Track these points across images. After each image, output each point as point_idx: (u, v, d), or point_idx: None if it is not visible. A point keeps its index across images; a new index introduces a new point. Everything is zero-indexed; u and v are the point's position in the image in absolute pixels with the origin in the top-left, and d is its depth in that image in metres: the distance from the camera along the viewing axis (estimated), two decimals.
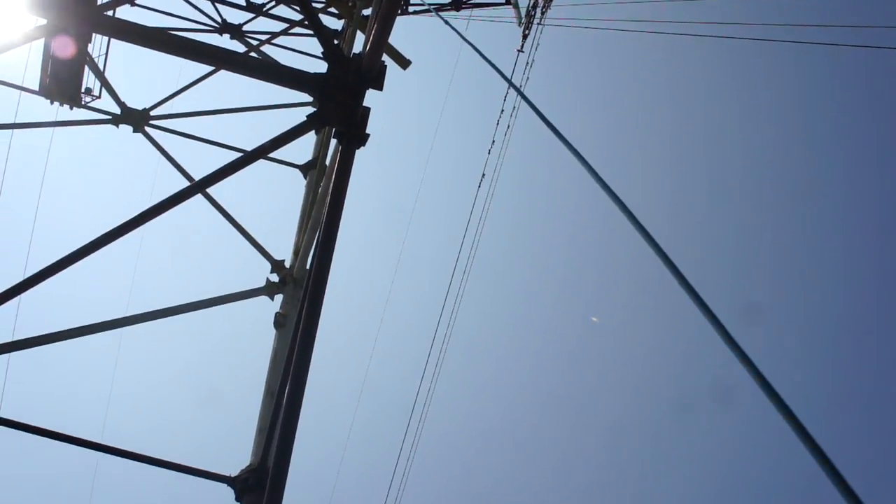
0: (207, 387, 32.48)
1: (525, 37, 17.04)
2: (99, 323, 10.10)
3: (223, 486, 8.78)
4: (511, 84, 8.41)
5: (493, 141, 16.79)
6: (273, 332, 10.12)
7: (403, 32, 15.37)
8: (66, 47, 13.47)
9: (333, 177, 5.83)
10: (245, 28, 16.31)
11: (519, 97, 16.02)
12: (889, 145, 31.37)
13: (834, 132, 33.35)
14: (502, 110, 16.68)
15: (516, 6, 17.75)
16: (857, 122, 33.59)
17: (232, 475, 8.56)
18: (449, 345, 15.48)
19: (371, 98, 6.17)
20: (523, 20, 17.35)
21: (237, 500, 8.44)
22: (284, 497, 6.34)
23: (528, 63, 16.78)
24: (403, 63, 13.24)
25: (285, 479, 6.16)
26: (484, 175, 16.70)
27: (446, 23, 11.24)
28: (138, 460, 8.74)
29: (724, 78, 33.83)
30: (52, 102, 14.23)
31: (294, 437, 6.06)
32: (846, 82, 32.38)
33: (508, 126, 16.79)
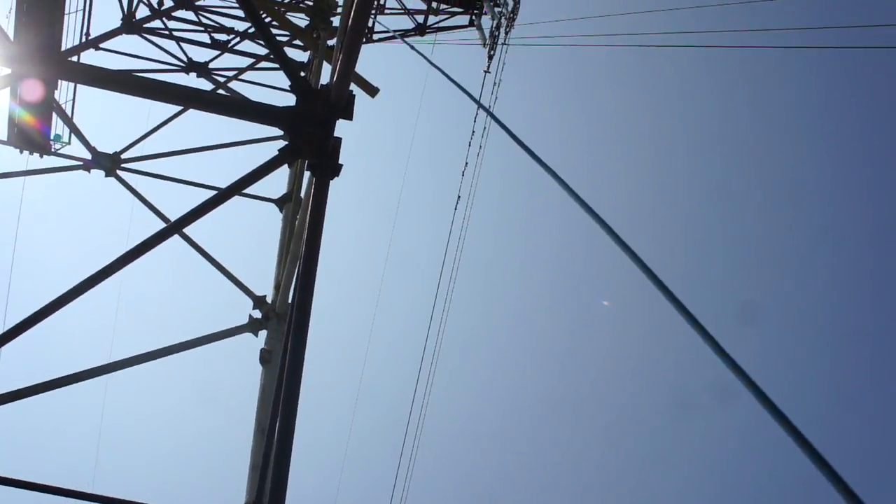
0: (198, 427, 32.22)
1: (490, 57, 17.14)
2: (83, 371, 10.00)
3: None
4: (478, 104, 8.44)
5: (466, 163, 16.85)
6: (259, 368, 10.06)
7: (370, 60, 15.43)
8: (32, 94, 13.41)
9: (310, 209, 5.81)
10: (211, 66, 16.29)
11: (489, 118, 16.09)
12: (888, 144, 31.65)
13: (823, 132, 33.66)
14: (473, 131, 16.76)
15: (480, 28, 17.85)
16: (849, 121, 33.91)
17: None
18: (440, 356, 15.46)
19: (342, 128, 6.17)
20: (488, 41, 17.45)
21: None
22: None
23: (495, 83, 16.88)
24: (371, 91, 13.26)
25: None
26: (459, 197, 16.75)
27: (412, 48, 11.28)
28: None
29: (701, 85, 34.16)
30: (21, 152, 14.15)
31: (288, 474, 6.00)
32: (835, 82, 32.73)
33: (480, 146, 16.86)
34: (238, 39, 16.43)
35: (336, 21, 14.23)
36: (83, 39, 14.20)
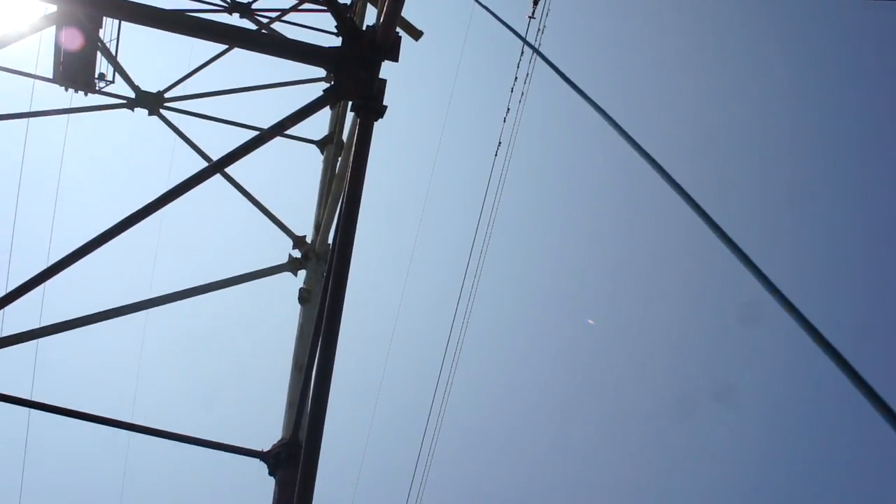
0: (235, 364, 32.77)
1: (536, 2, 16.89)
2: (123, 306, 10.20)
3: (256, 462, 8.89)
4: (525, 41, 8.33)
5: (508, 109, 16.72)
6: (298, 307, 10.18)
7: (414, 2, 15.28)
8: (76, 34, 13.49)
9: (353, 150, 5.84)
10: (254, 6, 16.25)
11: (532, 63, 15.91)
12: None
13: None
14: (516, 77, 16.59)
15: None
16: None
17: (264, 450, 8.65)
18: (466, 336, 15.48)
19: (386, 70, 6.16)
20: None
21: (270, 474, 8.54)
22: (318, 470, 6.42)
23: (539, 29, 16.66)
24: (416, 34, 13.16)
25: (318, 451, 6.23)
26: (500, 143, 16.66)
27: None
28: (170, 438, 8.85)
29: (742, 37, 33.36)
30: (66, 89, 14.29)
31: (325, 410, 6.12)
32: (850, 80, 31.84)
33: (523, 93, 16.70)
34: None
35: None
36: None
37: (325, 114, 13.68)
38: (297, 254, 10.79)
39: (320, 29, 16.52)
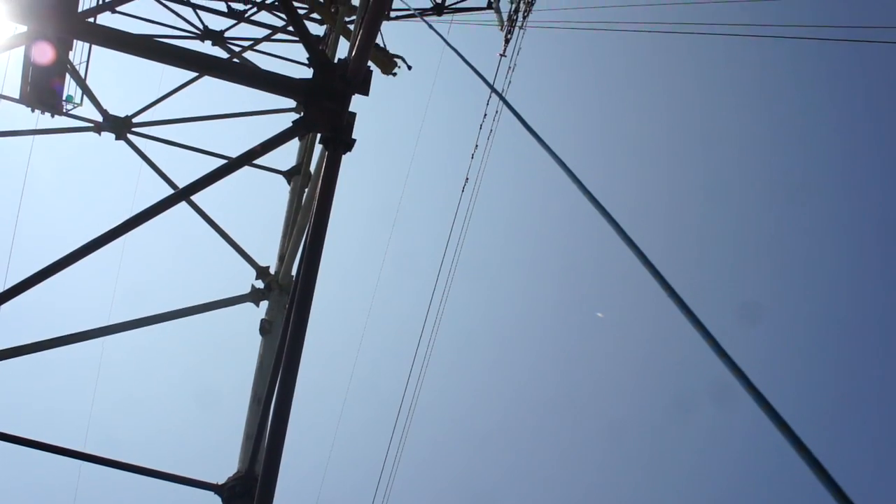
0: (192, 395, 32.37)
1: (507, 41, 17.08)
2: (82, 332, 10.03)
3: (210, 495, 8.74)
4: (492, 88, 8.42)
5: (476, 145, 16.83)
6: (258, 338, 10.08)
7: (385, 37, 15.35)
8: (46, 54, 13.40)
9: (320, 182, 5.81)
10: (227, 35, 16.25)
11: (501, 102, 16.02)
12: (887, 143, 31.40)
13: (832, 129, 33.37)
14: (485, 115, 16.73)
15: (498, 11, 17.79)
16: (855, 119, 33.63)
17: (219, 483, 8.51)
18: (436, 344, 15.46)
19: (356, 103, 6.16)
20: (505, 24, 17.40)
21: None
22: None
23: (510, 67, 16.83)
24: (390, 67, 13.26)
25: (275, 485, 6.14)
26: (468, 179, 16.74)
27: (430, 27, 11.24)
28: (123, 469, 8.68)
29: (714, 75, 33.90)
30: (32, 111, 14.15)
31: (283, 444, 6.03)
32: (842, 78, 32.48)
33: (491, 130, 16.84)
34: (255, 9, 16.38)
35: None
36: (100, 1, 14.15)
37: (293, 144, 13.66)
38: (259, 284, 10.70)
39: (292, 60, 16.57)
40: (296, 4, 15.54)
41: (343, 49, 14.28)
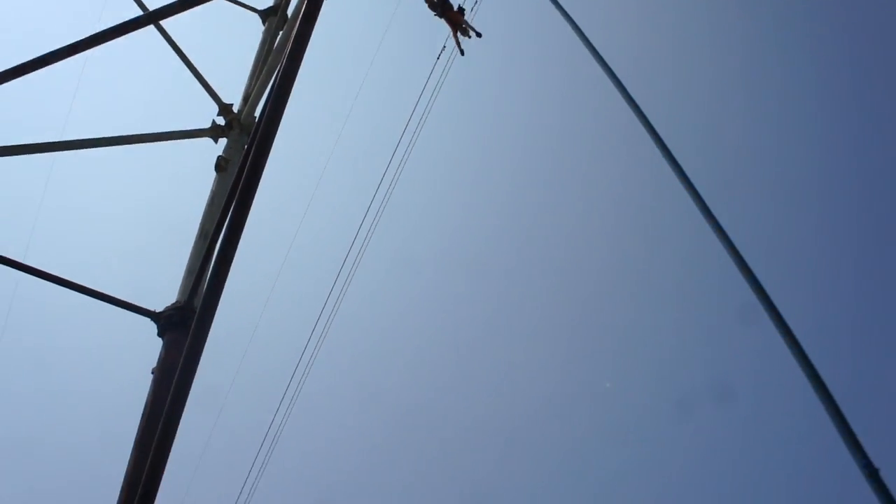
0: (138, 224, 32.20)
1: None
2: (34, 144, 9.87)
3: (145, 322, 8.78)
4: None
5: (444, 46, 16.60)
6: (212, 175, 9.97)
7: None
8: None
9: (298, 23, 5.67)
10: None
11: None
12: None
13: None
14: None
15: None
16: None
17: (156, 311, 8.54)
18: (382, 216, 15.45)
19: None
20: None
21: (159, 335, 8.45)
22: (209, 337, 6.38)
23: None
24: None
25: (212, 319, 6.18)
26: (444, 47, 16.50)
27: None
28: (61, 285, 8.66)
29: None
30: None
31: (224, 281, 6.05)
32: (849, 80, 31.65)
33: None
34: None
35: None
36: None
37: None
38: (221, 121, 10.53)
39: None
40: None
41: None
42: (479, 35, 16.33)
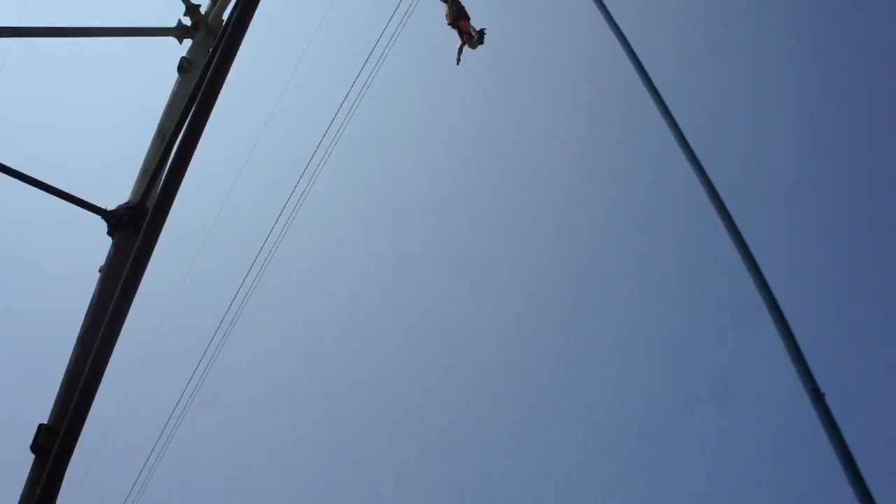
0: (92, 121, 31.53)
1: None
2: None
3: (95, 220, 8.63)
4: None
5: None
6: (175, 76, 9.75)
7: None
8: None
9: None
10: None
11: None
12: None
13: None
14: None
15: None
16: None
17: (108, 208, 8.42)
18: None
19: None
20: None
21: (109, 233, 8.34)
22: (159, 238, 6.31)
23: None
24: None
25: (164, 221, 6.11)
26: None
27: None
28: (9, 174, 8.47)
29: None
30: None
31: (179, 183, 5.97)
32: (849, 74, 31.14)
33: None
34: None
35: None
36: None
37: None
38: (187, 21, 10.26)
39: None
40: None
41: None
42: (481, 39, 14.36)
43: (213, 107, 5.52)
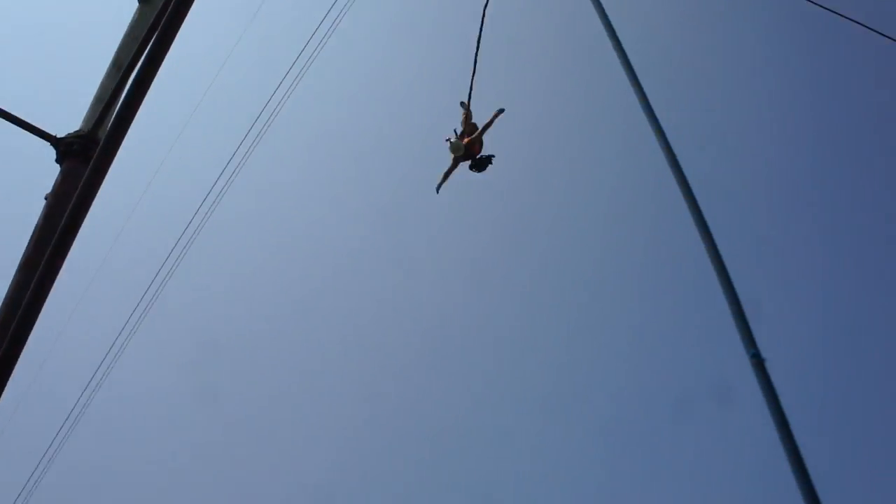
0: (47, 45, 30.73)
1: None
2: None
3: (44, 148, 8.41)
4: None
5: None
6: (134, 5, 9.49)
7: None
8: None
9: None
10: None
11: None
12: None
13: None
14: None
15: None
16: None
17: (57, 136, 8.20)
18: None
19: None
20: None
21: (57, 161, 8.14)
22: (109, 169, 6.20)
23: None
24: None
25: (115, 152, 6.01)
26: None
27: None
28: None
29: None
30: None
31: (135, 113, 5.86)
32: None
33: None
34: None
35: None
36: None
37: None
38: None
39: None
40: None
41: None
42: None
43: (173, 39, 5.42)
